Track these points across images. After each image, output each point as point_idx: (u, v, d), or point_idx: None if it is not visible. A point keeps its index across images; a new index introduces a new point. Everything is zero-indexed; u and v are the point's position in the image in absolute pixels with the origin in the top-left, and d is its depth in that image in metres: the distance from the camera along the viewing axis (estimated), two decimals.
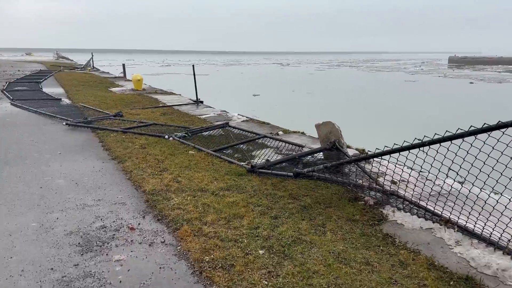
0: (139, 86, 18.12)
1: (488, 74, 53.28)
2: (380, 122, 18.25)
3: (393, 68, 69.28)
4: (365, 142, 9.57)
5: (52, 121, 10.20)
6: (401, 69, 68.05)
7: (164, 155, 6.79)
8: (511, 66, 67.59)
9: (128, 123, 9.79)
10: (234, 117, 11.39)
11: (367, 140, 13.88)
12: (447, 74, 54.95)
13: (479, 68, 67.36)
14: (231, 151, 7.20)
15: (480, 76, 50.95)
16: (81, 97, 14.78)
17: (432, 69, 66.24)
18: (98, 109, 11.86)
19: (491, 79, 46.80)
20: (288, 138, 8.26)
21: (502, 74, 53.69)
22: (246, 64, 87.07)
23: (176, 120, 10.47)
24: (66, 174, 5.91)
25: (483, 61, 75.44)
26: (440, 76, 51.77)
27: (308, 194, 4.98)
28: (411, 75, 53.18)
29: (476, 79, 46.50)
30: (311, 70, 65.97)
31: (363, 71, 63.97)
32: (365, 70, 65.87)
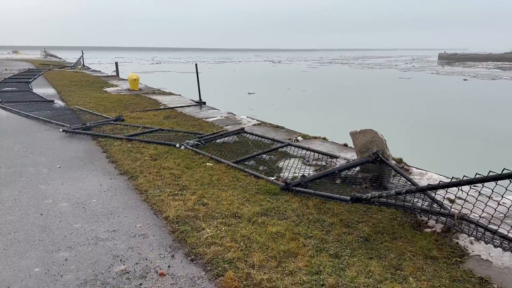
0: (136, 86, 17.14)
1: (480, 71, 53.11)
2: (382, 120, 17.57)
3: (385, 65, 68.93)
4: None
5: (46, 126, 9.24)
6: (393, 66, 67.75)
7: (180, 169, 5.93)
8: (500, 62, 67.69)
9: (131, 128, 8.88)
10: (243, 120, 10.55)
11: None
12: (440, 71, 54.65)
13: (470, 64, 67.29)
14: (254, 163, 6.36)
15: (472, 73, 50.78)
16: (75, 98, 13.78)
17: (424, 66, 66.04)
18: (95, 112, 10.91)
19: (484, 76, 46.59)
20: (310, 145, 7.46)
21: (493, 71, 53.58)
22: (237, 61, 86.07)
23: (183, 125, 9.59)
24: (70, 194, 5.02)
25: (473, 58, 75.53)
26: (433, 73, 51.46)
27: (362, 220, 4.18)
28: (404, 72, 52.78)
29: (469, 76, 46.24)
30: (303, 68, 65.27)
31: (355, 68, 63.49)
32: (357, 67, 65.39)
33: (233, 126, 9.60)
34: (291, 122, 11.03)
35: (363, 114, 19.27)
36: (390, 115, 18.91)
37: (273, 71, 58.47)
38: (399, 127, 15.65)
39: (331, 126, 14.27)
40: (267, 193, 4.96)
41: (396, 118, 17.96)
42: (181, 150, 7.03)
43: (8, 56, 57.58)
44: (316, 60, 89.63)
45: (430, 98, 26.15)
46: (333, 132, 9.83)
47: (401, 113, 19.79)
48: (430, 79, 43.46)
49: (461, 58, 77.17)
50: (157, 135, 8.33)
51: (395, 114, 19.22)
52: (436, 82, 40.28)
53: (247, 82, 40.21)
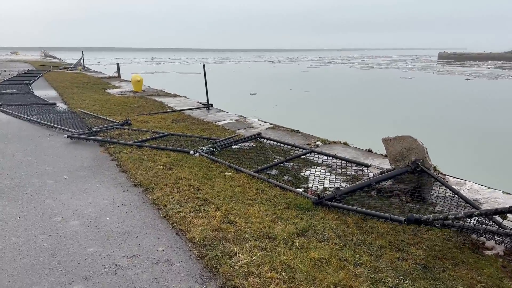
0: (139, 88, 16.63)
1: (481, 70, 52.71)
2: (391, 121, 17.10)
3: (385, 65, 68.49)
4: None
5: (49, 131, 8.73)
6: (393, 66, 67.30)
7: (198, 179, 5.43)
8: (500, 62, 67.36)
9: (139, 133, 8.37)
10: (254, 123, 10.06)
11: None
12: (441, 71, 54.25)
13: (470, 64, 66.90)
14: (277, 172, 5.86)
15: (473, 72, 50.35)
16: (77, 101, 13.26)
17: (424, 66, 65.60)
18: (100, 116, 10.39)
19: (485, 75, 46.19)
20: (331, 151, 6.97)
21: (494, 70, 53.19)
22: (237, 61, 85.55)
23: (193, 129, 9.08)
24: (80, 211, 4.52)
25: (473, 57, 75.19)
26: (434, 73, 51.04)
27: (413, 242, 3.69)
28: (405, 72, 52.33)
29: (471, 75, 45.83)
30: (304, 68, 64.81)
31: (356, 68, 63.04)
32: (358, 67, 64.94)
33: (246, 130, 9.11)
34: (300, 124, 10.55)
35: (371, 115, 18.79)
36: (398, 116, 18.43)
37: (273, 71, 57.97)
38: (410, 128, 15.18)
39: (343, 129, 13.80)
40: (299, 208, 4.47)
41: (405, 119, 17.48)
42: (195, 158, 6.53)
43: (7, 57, 56.96)
44: (316, 60, 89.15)
45: (435, 98, 25.69)
46: (347, 135, 9.35)
47: (408, 114, 19.30)
48: (432, 79, 43.03)
49: (461, 57, 76.82)
50: (167, 140, 7.82)
51: (403, 115, 18.74)
52: (439, 82, 39.86)
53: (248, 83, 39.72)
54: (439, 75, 48.25)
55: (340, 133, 10.90)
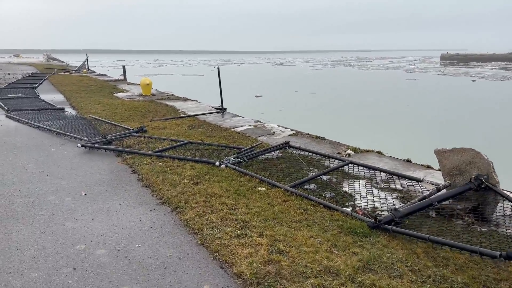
0: (148, 91, 16.08)
1: (486, 72, 52.14)
2: (401, 123, 16.56)
3: (388, 67, 67.97)
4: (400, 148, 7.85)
5: (61, 140, 8.18)
6: (396, 67, 66.76)
7: (231, 196, 4.88)
8: (504, 62, 66.78)
9: (157, 141, 7.82)
10: (274, 129, 9.51)
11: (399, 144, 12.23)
12: (445, 72, 53.70)
13: (474, 65, 66.35)
14: (315, 186, 5.29)
15: (478, 73, 49.77)
16: (86, 105, 12.72)
17: (428, 67, 65.06)
18: (112, 122, 9.84)
19: (491, 76, 45.64)
20: (366, 160, 6.43)
21: (498, 72, 52.63)
22: (239, 63, 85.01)
23: (212, 136, 8.53)
24: (105, 236, 3.96)
25: (476, 58, 74.61)
26: (439, 74, 50.50)
27: (501, 278, 3.13)
28: (409, 74, 51.80)
29: (476, 76, 45.27)
30: (307, 69, 64.28)
31: (359, 69, 62.51)
32: (361, 68, 64.41)
33: (267, 137, 8.57)
34: (316, 129, 10.05)
35: (384, 119, 18.21)
36: (410, 119, 17.87)
37: (276, 73, 57.47)
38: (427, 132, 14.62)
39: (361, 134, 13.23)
40: (354, 233, 3.91)
41: (419, 122, 16.91)
42: (222, 170, 5.97)
43: (9, 60, 56.48)
44: (318, 62, 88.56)
45: (443, 99, 25.13)
46: (368, 141, 8.82)
47: (420, 116, 18.73)
48: (438, 80, 42.49)
49: (464, 58, 76.24)
50: (188, 149, 7.27)
51: (415, 118, 18.16)
52: (445, 83, 39.33)
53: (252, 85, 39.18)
54: (444, 76, 47.72)
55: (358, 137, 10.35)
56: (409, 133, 14.32)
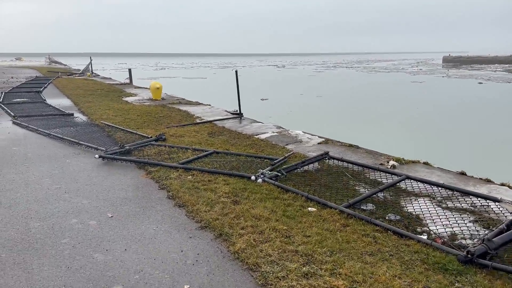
0: (158, 96, 15.43)
1: (491, 74, 51.59)
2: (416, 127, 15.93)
3: (391, 69, 67.38)
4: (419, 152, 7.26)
5: (74, 149, 7.51)
6: (400, 69, 66.15)
7: (280, 219, 4.21)
8: (507, 65, 66.28)
9: (180, 151, 7.14)
10: (300, 135, 8.86)
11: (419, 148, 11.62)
12: (450, 74, 53.15)
13: (477, 67, 65.88)
14: (373, 207, 4.62)
15: (483, 76, 49.19)
16: (96, 110, 12.05)
17: (431, 69, 64.48)
18: (127, 129, 9.17)
19: (496, 79, 45.08)
20: (415, 173, 5.78)
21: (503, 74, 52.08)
22: (241, 66, 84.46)
23: (236, 145, 7.87)
24: (145, 273, 3.29)
25: (478, 61, 74.13)
26: (443, 77, 49.92)
27: None
28: (413, 76, 51.19)
29: (482, 79, 44.68)
30: (310, 72, 63.70)
31: (362, 72, 61.93)
32: (364, 71, 63.81)
33: (296, 146, 7.91)
34: (336, 134, 9.44)
35: (398, 122, 17.56)
36: (423, 122, 17.22)
37: (279, 75, 56.88)
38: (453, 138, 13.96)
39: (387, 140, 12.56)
40: (443, 269, 3.24)
41: (431, 126, 16.25)
42: (260, 185, 5.31)
43: (11, 63, 55.85)
44: (320, 64, 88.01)
45: (452, 102, 24.54)
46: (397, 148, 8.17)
47: (432, 120, 18.08)
48: (444, 83, 41.96)
49: (466, 61, 75.75)
50: (215, 160, 6.61)
51: (427, 121, 17.50)
52: (451, 85, 38.75)
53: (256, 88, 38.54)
54: (449, 78, 47.13)
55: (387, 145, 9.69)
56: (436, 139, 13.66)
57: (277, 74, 59.75)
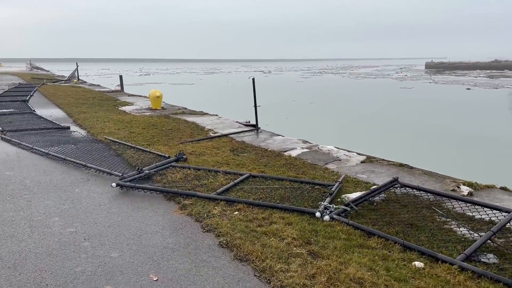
0: (158, 105, 14.18)
1: (475, 80, 51.84)
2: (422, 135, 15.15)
3: (377, 75, 67.34)
4: None
5: (81, 174, 6.26)
6: (385, 75, 66.17)
7: (388, 284, 3.11)
8: (488, 70, 67.02)
9: (209, 175, 5.97)
10: (333, 152, 7.80)
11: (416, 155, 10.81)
12: (436, 80, 53.26)
13: (460, 73, 66.42)
14: (495, 258, 3.56)
15: (468, 81, 49.33)
16: (94, 123, 10.75)
17: (415, 75, 64.68)
18: (137, 146, 7.94)
19: (483, 84, 45.21)
20: (498, 201, 4.77)
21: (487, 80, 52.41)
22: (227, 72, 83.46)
23: (270, 165, 6.74)
24: None
25: (460, 66, 74.89)
26: (430, 82, 49.90)
27: None
28: (400, 82, 51.03)
29: (468, 84, 44.73)
30: (297, 78, 63.08)
31: (349, 78, 61.60)
32: (350, 77, 63.52)
33: (336, 165, 6.85)
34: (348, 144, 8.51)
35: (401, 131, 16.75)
36: (426, 130, 16.46)
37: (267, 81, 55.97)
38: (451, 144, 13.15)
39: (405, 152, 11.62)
40: None
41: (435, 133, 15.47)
42: (329, 225, 4.21)
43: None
44: (306, 70, 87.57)
45: (446, 109, 23.99)
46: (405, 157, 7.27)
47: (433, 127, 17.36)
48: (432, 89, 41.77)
49: (448, 66, 76.47)
50: (256, 187, 5.47)
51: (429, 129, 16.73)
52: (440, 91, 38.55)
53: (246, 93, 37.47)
54: (436, 84, 47.05)
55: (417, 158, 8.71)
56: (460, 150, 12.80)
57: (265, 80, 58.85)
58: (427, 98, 30.42)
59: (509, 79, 54.58)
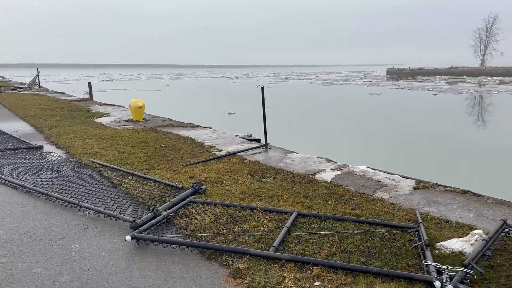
0: (140, 116, 12.52)
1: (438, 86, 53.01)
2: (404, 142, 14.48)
3: (343, 81, 67.63)
4: None
5: (74, 217, 4.67)
6: (351, 81, 66.54)
7: None
8: (447, 76, 69.06)
9: (247, 215, 4.55)
10: (369, 174, 6.62)
11: None
12: (401, 86, 53.97)
13: (421, 79, 67.91)
14: None
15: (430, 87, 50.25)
16: (71, 139, 9.01)
17: (379, 81, 65.47)
18: (134, 172, 6.37)
19: (447, 90, 46.16)
20: None
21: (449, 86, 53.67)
22: (193, 78, 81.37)
23: (310, 195, 5.43)
24: None
25: (420, 73, 76.80)
26: (397, 88, 50.36)
27: None
28: (367, 88, 51.18)
29: (433, 90, 45.49)
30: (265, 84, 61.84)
31: (316, 84, 61.37)
32: (318, 83, 63.36)
33: (386, 193, 5.67)
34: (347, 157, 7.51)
35: (363, 130, 15.97)
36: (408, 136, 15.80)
37: (236, 87, 54.71)
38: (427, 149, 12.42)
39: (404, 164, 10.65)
40: None
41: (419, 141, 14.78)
42: None
43: None
44: (272, 76, 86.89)
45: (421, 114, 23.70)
46: None
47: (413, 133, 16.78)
48: (400, 94, 42.02)
49: (409, 73, 78.24)
50: (314, 233, 4.13)
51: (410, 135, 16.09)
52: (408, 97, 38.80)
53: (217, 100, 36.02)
54: (403, 90, 47.48)
55: None
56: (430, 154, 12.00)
57: (233, 86, 57.53)
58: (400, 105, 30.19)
59: (467, 84, 56.37)
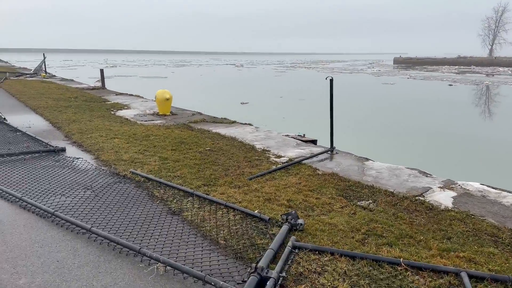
0: (167, 109, 10.92)
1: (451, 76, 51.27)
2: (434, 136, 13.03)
3: (351, 70, 65.70)
4: None
5: (139, 277, 3.12)
6: (359, 70, 64.58)
7: None
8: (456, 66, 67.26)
9: (388, 273, 3.01)
10: (492, 194, 5.07)
11: None
12: (412, 75, 52.18)
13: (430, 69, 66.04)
14: None
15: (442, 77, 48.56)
16: (97, 139, 7.44)
17: (388, 71, 63.58)
18: (195, 192, 4.82)
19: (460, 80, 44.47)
20: None
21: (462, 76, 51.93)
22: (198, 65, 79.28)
23: (454, 240, 3.89)
24: None
25: (428, 62, 74.89)
26: (408, 78, 48.58)
27: None
28: (378, 77, 49.39)
29: (447, 81, 43.80)
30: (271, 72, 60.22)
31: (324, 72, 59.44)
32: (325, 71, 61.42)
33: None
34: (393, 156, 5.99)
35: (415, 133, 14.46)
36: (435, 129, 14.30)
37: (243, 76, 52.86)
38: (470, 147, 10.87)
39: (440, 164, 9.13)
40: None
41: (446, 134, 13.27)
42: None
43: None
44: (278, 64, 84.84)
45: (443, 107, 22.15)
46: None
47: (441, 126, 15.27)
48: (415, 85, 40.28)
49: (417, 62, 76.30)
50: None
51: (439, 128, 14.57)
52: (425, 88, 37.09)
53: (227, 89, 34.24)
54: (416, 80, 45.75)
55: None
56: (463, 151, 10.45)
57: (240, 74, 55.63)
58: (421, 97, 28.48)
59: (478, 74, 54.64)
